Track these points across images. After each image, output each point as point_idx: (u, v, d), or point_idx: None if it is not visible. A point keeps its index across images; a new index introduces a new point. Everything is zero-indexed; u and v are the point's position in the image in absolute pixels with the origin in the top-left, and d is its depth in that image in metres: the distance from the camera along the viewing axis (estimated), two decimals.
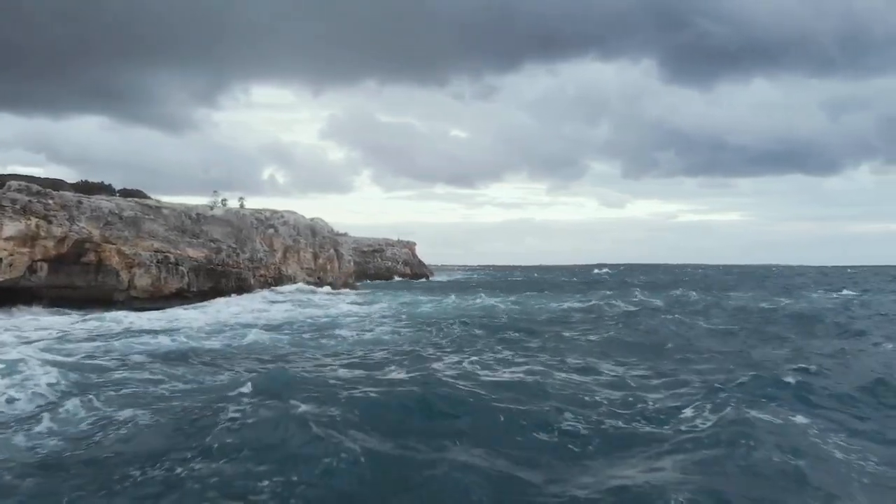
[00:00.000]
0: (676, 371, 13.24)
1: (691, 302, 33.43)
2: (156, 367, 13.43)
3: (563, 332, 20.02)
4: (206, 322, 23.73)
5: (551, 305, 31.99)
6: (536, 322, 23.72)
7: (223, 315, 27.04)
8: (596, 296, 37.36)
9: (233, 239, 37.79)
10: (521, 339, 18.11)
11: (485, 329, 20.10)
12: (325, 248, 41.81)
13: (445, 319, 23.43)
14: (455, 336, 18.59)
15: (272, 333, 19.87)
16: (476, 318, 24.36)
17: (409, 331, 20.78)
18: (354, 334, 19.87)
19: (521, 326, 21.28)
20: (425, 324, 22.25)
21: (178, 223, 36.16)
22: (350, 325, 22.64)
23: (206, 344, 17.77)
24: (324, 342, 18.40)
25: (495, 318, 24.94)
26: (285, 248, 39.73)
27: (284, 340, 18.69)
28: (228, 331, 20.73)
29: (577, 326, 22.71)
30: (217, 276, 36.46)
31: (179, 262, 35.00)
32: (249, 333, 19.27)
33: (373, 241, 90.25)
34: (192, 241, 36.16)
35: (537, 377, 11.84)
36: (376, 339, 18.78)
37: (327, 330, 21.09)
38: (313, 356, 15.72)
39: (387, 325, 22.51)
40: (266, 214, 40.01)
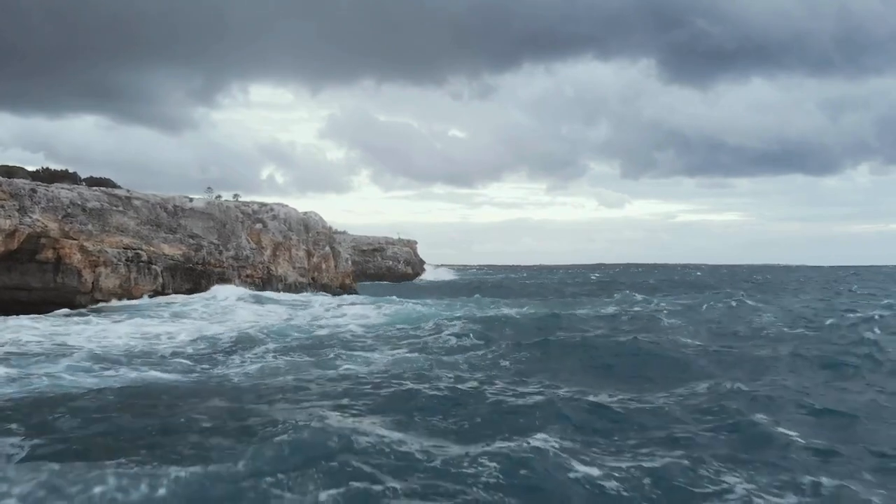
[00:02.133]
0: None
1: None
2: None
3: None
4: (120, 340, 17.81)
5: (580, 312, 27.70)
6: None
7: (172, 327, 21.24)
8: (628, 301, 32.96)
9: (215, 234, 33.49)
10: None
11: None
12: (321, 245, 37.50)
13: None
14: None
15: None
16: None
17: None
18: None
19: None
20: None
21: (153, 216, 31.84)
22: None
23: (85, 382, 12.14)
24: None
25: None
26: (275, 244, 35.42)
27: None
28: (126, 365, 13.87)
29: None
30: (196, 276, 32.16)
31: (153, 261, 30.71)
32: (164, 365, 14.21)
33: (373, 239, 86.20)
34: (169, 237, 31.86)
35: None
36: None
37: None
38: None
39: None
40: (254, 207, 35.70)
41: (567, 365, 13.96)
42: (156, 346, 16.73)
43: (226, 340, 17.82)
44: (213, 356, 15.50)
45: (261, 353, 15.88)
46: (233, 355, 15.60)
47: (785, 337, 18.24)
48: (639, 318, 23.55)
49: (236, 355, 15.60)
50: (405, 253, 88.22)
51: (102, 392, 11.13)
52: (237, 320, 23.05)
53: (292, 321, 23.32)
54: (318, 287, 36.66)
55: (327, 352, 15.82)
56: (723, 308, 27.76)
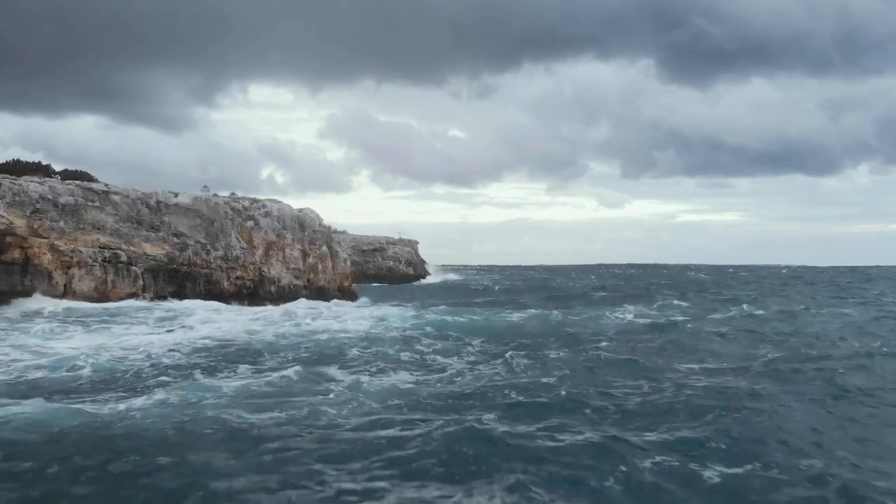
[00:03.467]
0: None
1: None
2: None
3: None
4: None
5: (608, 319, 25.07)
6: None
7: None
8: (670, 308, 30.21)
9: (202, 233, 30.83)
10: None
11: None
12: (317, 244, 34.83)
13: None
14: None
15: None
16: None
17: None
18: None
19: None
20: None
21: (133, 212, 29.20)
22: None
23: None
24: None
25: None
26: (268, 244, 32.76)
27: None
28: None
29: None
30: (181, 278, 29.52)
31: (133, 261, 28.07)
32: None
33: (373, 239, 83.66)
34: (151, 235, 29.23)
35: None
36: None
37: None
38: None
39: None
40: (244, 203, 33.04)
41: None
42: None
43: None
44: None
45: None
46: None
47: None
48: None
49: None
50: (406, 253, 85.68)
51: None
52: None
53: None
54: (314, 290, 34.00)
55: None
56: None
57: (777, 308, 28.82)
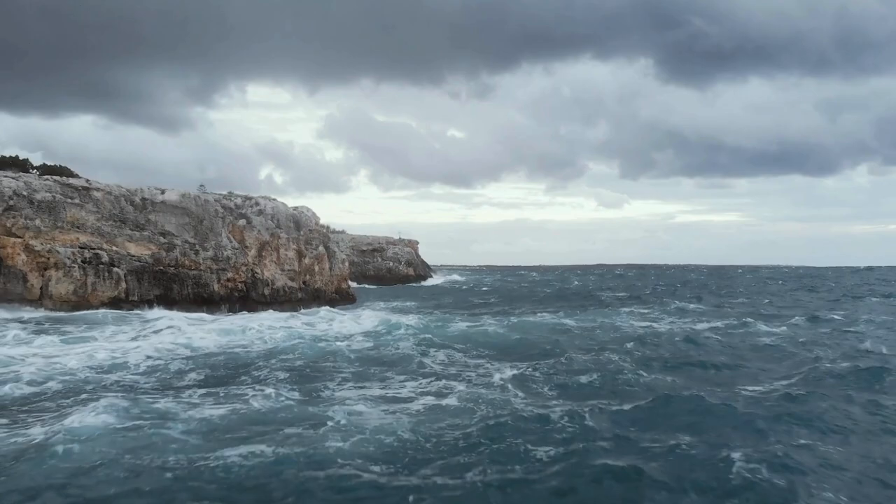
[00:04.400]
0: None
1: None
2: None
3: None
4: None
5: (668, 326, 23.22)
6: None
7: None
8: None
9: (191, 232, 28.99)
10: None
11: None
12: (313, 244, 32.98)
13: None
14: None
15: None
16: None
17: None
18: None
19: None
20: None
21: (116, 210, 27.35)
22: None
23: None
24: None
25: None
26: (261, 243, 30.91)
27: None
28: None
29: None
30: (168, 280, 27.67)
31: (115, 262, 26.23)
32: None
33: (372, 239, 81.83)
34: (135, 234, 27.39)
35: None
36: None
37: None
38: None
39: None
40: (236, 201, 31.18)
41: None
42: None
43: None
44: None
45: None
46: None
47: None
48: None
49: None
50: (406, 253, 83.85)
51: None
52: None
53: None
54: (310, 292, 32.16)
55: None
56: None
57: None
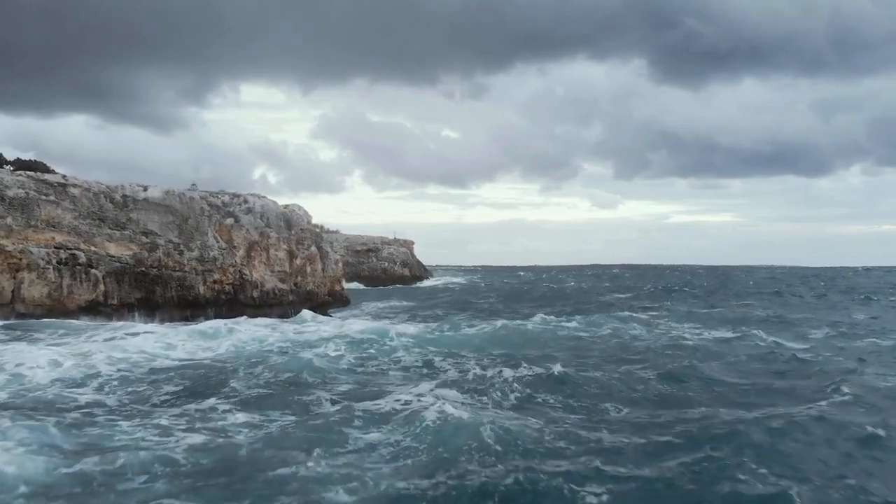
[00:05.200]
0: None
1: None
2: None
3: None
4: None
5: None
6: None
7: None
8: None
9: (175, 231, 27.41)
10: None
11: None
12: (305, 244, 31.45)
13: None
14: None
15: None
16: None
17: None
18: None
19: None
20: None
21: (95, 208, 25.76)
22: None
23: None
24: None
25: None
26: (249, 243, 29.36)
27: None
28: None
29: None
30: (150, 282, 26.09)
31: (93, 263, 24.65)
32: None
33: (367, 239, 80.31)
34: (115, 234, 25.80)
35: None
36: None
37: None
38: None
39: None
40: (224, 199, 29.60)
41: None
42: None
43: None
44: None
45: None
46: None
47: None
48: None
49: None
50: (402, 254, 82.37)
51: None
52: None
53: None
54: (302, 295, 30.62)
55: None
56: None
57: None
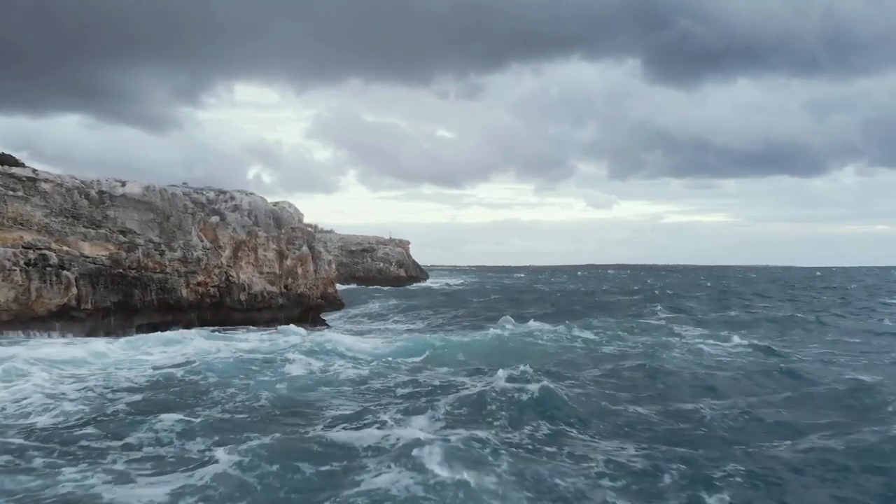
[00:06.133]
0: None
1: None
2: None
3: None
4: None
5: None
6: None
7: None
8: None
9: (156, 230, 25.52)
10: None
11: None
12: (296, 244, 29.60)
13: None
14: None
15: None
16: None
17: None
18: None
19: None
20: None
21: (68, 204, 23.85)
22: None
23: None
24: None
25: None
26: (236, 243, 27.50)
27: None
28: None
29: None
30: (127, 285, 24.20)
31: (65, 264, 22.74)
32: None
33: (362, 239, 78.61)
34: (90, 233, 23.90)
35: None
36: None
37: None
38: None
39: None
40: (209, 195, 27.72)
41: None
42: None
43: None
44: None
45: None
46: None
47: None
48: None
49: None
50: (397, 254, 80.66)
51: None
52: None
53: None
54: (293, 298, 28.75)
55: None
56: None
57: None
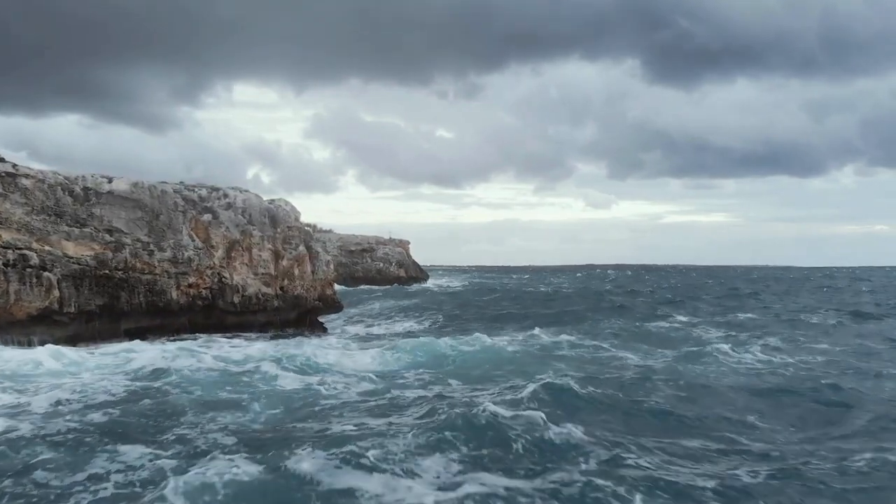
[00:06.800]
0: None
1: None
2: None
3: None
4: None
5: None
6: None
7: None
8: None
9: (144, 228, 24.20)
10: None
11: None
12: (292, 243, 28.26)
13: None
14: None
15: None
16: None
17: None
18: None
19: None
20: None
21: (51, 202, 22.52)
22: None
23: None
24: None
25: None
26: (230, 242, 26.17)
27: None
28: None
29: None
30: (114, 287, 22.87)
31: (47, 265, 21.42)
32: None
33: (361, 238, 77.31)
34: (74, 231, 22.57)
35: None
36: None
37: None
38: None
39: None
40: (201, 192, 26.38)
41: None
42: None
43: None
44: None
45: None
46: None
47: None
48: None
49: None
50: (397, 254, 79.36)
51: None
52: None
53: None
54: (289, 300, 27.43)
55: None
56: None
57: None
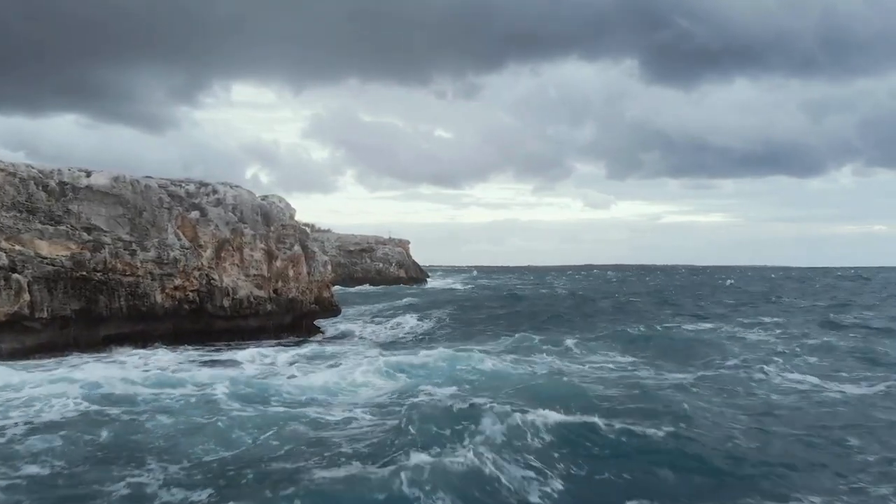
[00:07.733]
0: None
1: None
2: None
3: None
4: None
5: None
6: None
7: None
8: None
9: (126, 226, 22.39)
10: None
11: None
12: (287, 243, 26.45)
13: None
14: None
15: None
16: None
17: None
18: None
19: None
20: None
21: (23, 197, 20.71)
22: None
23: None
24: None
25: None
26: (219, 242, 24.35)
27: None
28: None
29: None
30: (92, 289, 21.04)
31: (17, 266, 19.61)
32: None
33: (361, 238, 75.58)
34: (48, 230, 20.76)
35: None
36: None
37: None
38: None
39: None
40: (188, 188, 24.56)
41: None
42: None
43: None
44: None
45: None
46: None
47: None
48: None
49: None
50: (397, 254, 77.60)
51: None
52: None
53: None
54: (283, 304, 25.64)
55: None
56: None
57: None
